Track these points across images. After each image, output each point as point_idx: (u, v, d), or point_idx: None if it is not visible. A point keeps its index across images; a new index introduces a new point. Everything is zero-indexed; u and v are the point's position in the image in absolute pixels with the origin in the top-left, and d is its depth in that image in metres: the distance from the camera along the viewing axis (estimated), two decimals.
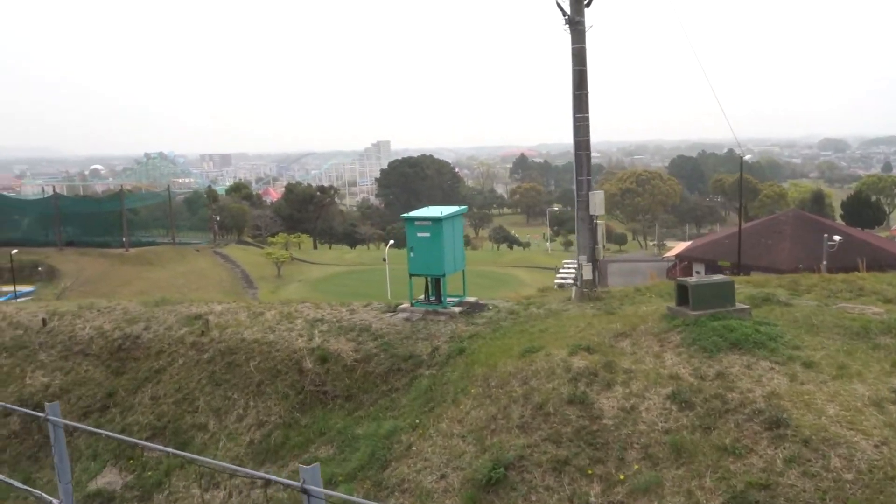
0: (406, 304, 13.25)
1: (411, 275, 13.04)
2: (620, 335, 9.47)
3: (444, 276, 12.79)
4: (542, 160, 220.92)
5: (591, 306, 11.70)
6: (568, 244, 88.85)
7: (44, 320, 14.65)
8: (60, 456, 3.40)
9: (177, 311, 14.44)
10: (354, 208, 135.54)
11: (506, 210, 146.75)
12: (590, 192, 12.18)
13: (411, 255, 12.79)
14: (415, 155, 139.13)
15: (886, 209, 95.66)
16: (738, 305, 9.25)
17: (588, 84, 11.95)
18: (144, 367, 13.07)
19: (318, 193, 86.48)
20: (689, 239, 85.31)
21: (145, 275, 60.29)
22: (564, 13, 12.16)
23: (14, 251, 49.21)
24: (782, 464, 6.45)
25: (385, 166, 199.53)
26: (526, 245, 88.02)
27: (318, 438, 10.81)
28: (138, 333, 13.75)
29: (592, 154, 12.56)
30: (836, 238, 40.13)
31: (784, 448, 6.58)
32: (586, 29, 11.79)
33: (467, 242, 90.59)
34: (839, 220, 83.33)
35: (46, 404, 3.61)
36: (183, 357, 12.95)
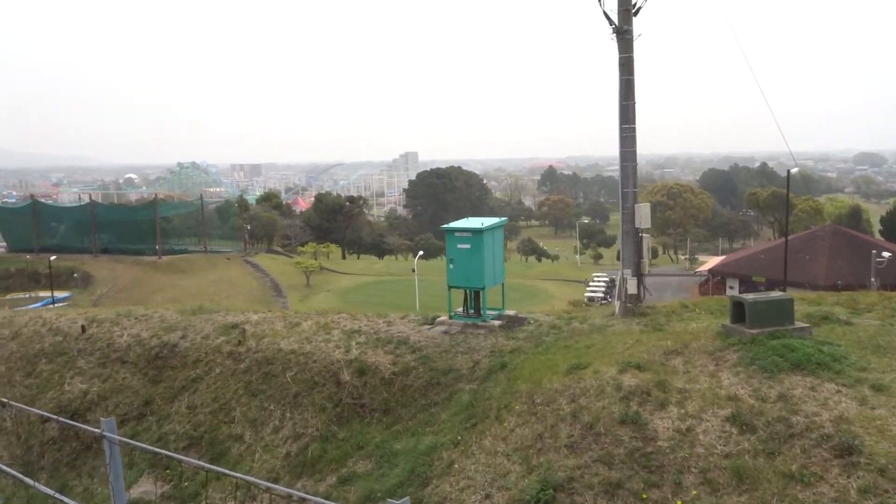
0: (444, 317, 13.03)
1: (450, 287, 12.82)
2: (671, 353, 9.14)
3: (483, 288, 12.56)
4: (570, 173, 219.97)
5: (637, 322, 11.37)
6: (598, 257, 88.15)
7: (83, 327, 14.69)
8: (116, 474, 3.23)
9: (213, 319, 14.38)
10: (382, 219, 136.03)
11: (533, 222, 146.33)
12: (636, 205, 11.87)
13: (451, 266, 12.58)
14: (442, 166, 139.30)
15: None
16: (797, 324, 8.86)
17: (635, 94, 11.67)
18: (181, 375, 13.00)
19: (348, 204, 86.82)
20: (722, 253, 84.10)
21: (177, 282, 60.94)
22: (611, 22, 11.91)
23: (53, 258, 49.99)
24: (856, 494, 6.08)
25: (413, 177, 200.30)
26: (555, 258, 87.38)
27: (356, 453, 10.60)
28: (175, 342, 13.70)
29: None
30: (886, 255, 39.14)
31: (857, 477, 6.21)
32: (634, 38, 11.53)
33: None
34: (878, 236, 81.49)
35: (102, 420, 3.45)
36: (220, 366, 12.86)
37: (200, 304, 15.56)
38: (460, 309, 13.15)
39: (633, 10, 11.50)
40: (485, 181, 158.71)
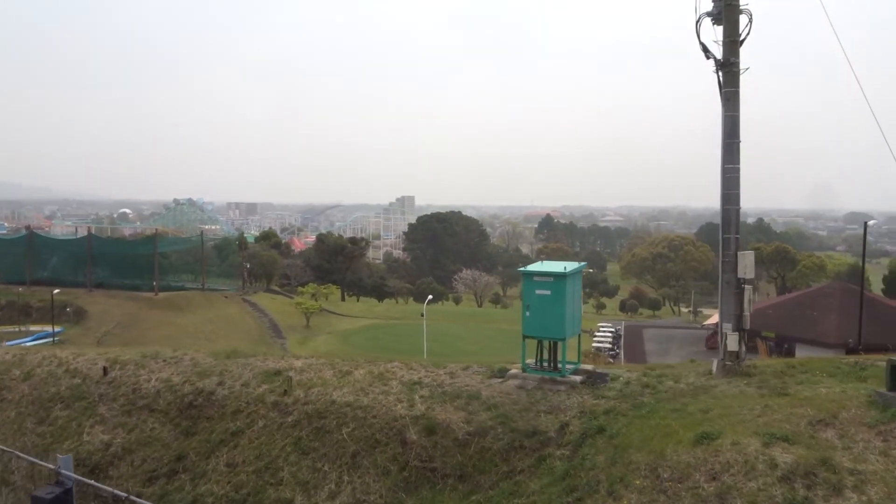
0: (516, 370, 11.74)
1: (525, 336, 11.56)
2: (818, 424, 7.90)
3: (564, 339, 11.31)
4: (566, 221, 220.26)
5: (745, 383, 10.14)
6: (600, 307, 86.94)
7: (105, 369, 13.29)
8: None
9: (252, 365, 13.03)
10: (379, 261, 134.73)
11: None
12: (739, 252, 10.74)
13: (527, 314, 11.35)
14: (439, 211, 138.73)
15: None
16: None
17: (740, 132, 10.65)
18: (219, 427, 11.60)
19: (350, 245, 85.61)
20: None
21: (173, 320, 59.17)
22: (708, 55, 10.97)
23: (56, 291, 48.38)
24: None
25: (409, 221, 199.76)
26: None
27: None
28: (212, 389, 12.32)
29: (615, 218, 11.47)
30: None
31: None
32: (742, 71, 10.57)
33: (497, 300, 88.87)
34: (879, 294, 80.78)
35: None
36: (263, 419, 11.48)
37: (234, 347, 14.22)
38: (530, 361, 11.89)
39: (741, 41, 10.56)
40: (483, 227, 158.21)
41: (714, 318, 69.81)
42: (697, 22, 11.07)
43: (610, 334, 63.97)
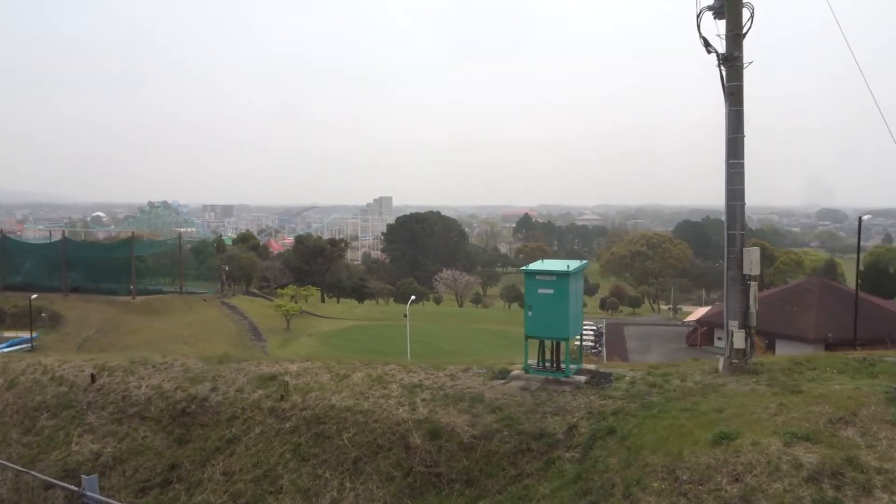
0: (518, 370, 11.53)
1: (528, 337, 11.35)
2: (838, 422, 7.77)
3: (567, 339, 11.11)
4: (543, 221, 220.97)
5: (755, 381, 10.01)
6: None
7: (92, 376, 12.86)
8: None
9: (245, 370, 12.68)
10: (358, 262, 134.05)
11: (510, 269, 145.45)
12: (744, 249, 10.62)
13: (529, 314, 11.14)
14: (416, 211, 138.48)
15: None
16: None
17: (744, 127, 10.53)
18: (214, 435, 11.24)
19: (329, 246, 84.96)
20: (704, 304, 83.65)
21: (151, 324, 58.23)
22: (709, 49, 10.84)
23: (34, 296, 47.27)
24: None
25: (387, 222, 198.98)
26: None
27: None
28: (205, 395, 11.95)
29: (592, 217, 11.38)
30: None
31: None
32: (745, 65, 10.45)
33: (478, 300, 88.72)
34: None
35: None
36: (260, 425, 11.15)
37: (226, 351, 13.85)
38: (532, 361, 11.69)
39: (744, 34, 10.44)
40: (462, 227, 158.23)
41: (695, 315, 70.32)
42: (698, 16, 10.94)
43: (592, 332, 64.09)
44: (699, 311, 71.21)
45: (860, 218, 38.13)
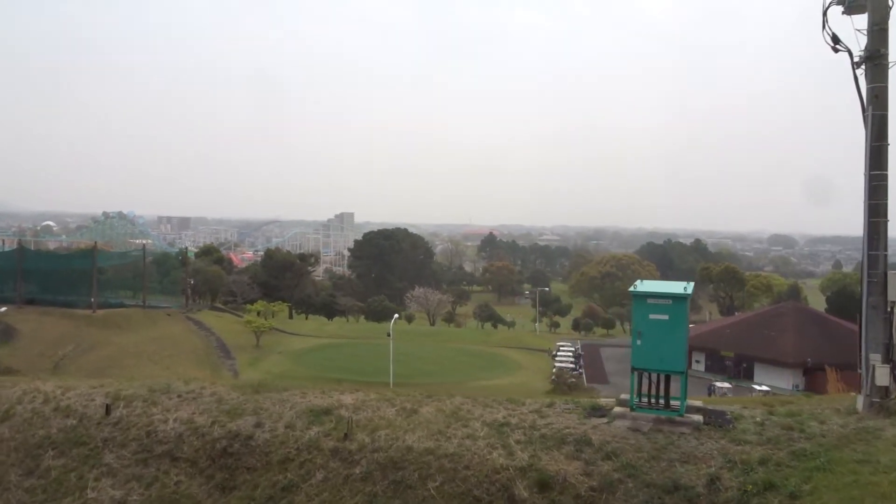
0: (619, 408, 10.03)
1: (635, 369, 9.87)
2: None
3: (684, 372, 9.67)
4: (506, 240, 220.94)
5: None
6: (554, 325, 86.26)
7: (107, 407, 10.93)
8: None
9: (290, 401, 10.92)
10: (321, 278, 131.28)
11: (476, 287, 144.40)
12: (889, 272, 9.37)
13: (638, 342, 9.67)
14: (377, 228, 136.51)
15: None
16: None
17: (888, 135, 9.32)
18: (265, 481, 9.46)
19: (298, 261, 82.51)
20: None
21: (113, 339, 55.15)
22: (837, 47, 9.65)
23: (2, 309, 44.08)
24: None
25: (349, 238, 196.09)
26: (511, 325, 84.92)
27: None
28: (249, 432, 10.15)
29: (552, 237, 10.28)
30: None
31: None
32: (890, 65, 9.26)
33: (450, 319, 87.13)
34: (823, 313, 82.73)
35: None
36: (322, 469, 9.41)
37: (259, 378, 12.04)
38: (626, 396, 10.21)
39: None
40: (429, 245, 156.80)
41: None
42: (825, 10, 9.75)
43: (570, 353, 63.08)
44: None
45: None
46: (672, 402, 9.84)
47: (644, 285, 9.92)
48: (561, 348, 64.78)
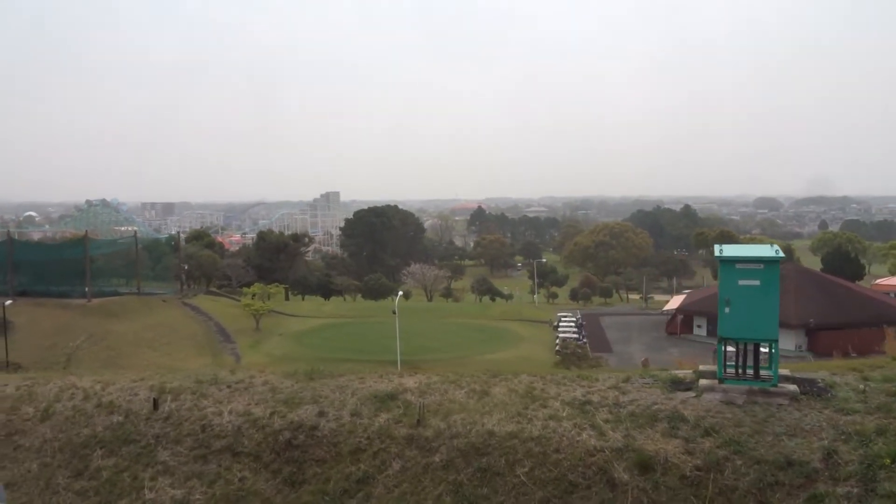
0: (705, 380, 9.48)
1: (722, 339, 9.31)
2: None
3: (776, 341, 9.12)
4: (495, 213, 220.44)
5: None
6: (552, 296, 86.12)
7: (155, 401, 10.26)
8: None
9: (349, 386, 10.30)
10: (312, 258, 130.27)
11: (468, 261, 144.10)
12: None
13: (726, 310, 9.10)
14: (364, 207, 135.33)
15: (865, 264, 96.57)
16: None
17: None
18: (337, 474, 8.86)
19: (292, 242, 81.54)
20: (675, 293, 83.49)
21: (110, 328, 54.38)
22: None
23: (8, 302, 43.10)
24: None
25: (336, 217, 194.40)
26: (509, 297, 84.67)
27: None
28: (313, 422, 9.52)
29: (540, 209, 9.85)
30: None
31: None
32: None
33: (448, 294, 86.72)
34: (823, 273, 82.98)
35: None
36: (398, 459, 8.83)
37: (311, 365, 11.38)
38: (713, 367, 9.67)
39: None
40: (420, 221, 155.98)
41: (672, 304, 69.80)
42: None
43: (573, 323, 62.89)
44: (676, 300, 70.80)
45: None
46: (761, 372, 9.31)
47: (730, 249, 9.34)
48: (562, 319, 64.55)
